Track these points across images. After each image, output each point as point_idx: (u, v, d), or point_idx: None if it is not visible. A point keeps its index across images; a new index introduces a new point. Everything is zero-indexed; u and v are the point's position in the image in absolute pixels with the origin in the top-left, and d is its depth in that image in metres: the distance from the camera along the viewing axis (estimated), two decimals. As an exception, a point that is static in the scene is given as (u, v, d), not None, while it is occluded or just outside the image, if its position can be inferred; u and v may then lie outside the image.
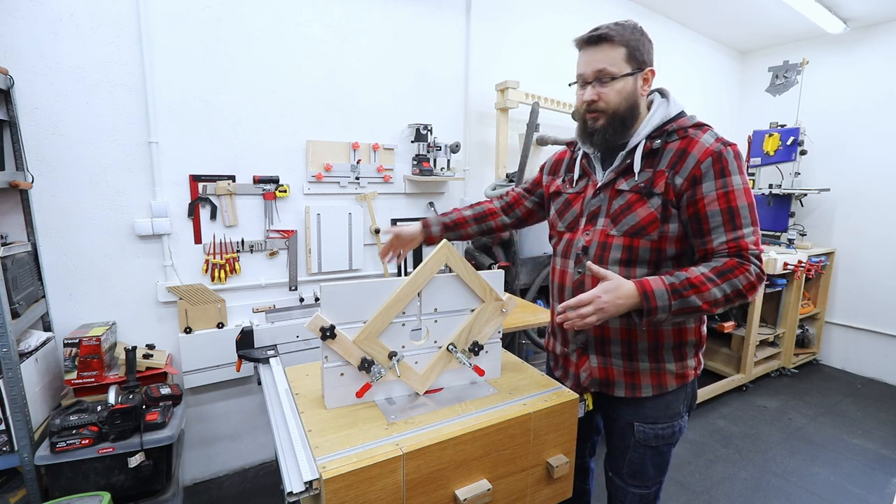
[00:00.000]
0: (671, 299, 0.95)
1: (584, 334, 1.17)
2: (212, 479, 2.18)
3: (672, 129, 1.07)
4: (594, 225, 1.13)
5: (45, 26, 1.64)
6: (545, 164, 1.40)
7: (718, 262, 0.99)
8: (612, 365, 1.15)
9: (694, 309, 0.96)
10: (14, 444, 1.44)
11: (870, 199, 3.57)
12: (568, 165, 1.29)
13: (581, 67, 1.10)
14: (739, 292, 0.97)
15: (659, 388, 1.14)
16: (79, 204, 1.76)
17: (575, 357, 1.22)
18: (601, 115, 1.08)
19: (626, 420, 1.18)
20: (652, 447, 1.18)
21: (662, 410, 1.16)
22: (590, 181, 1.18)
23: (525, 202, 1.43)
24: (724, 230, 1.00)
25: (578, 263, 1.15)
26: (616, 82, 1.06)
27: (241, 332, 1.51)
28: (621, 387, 1.15)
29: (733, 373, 3.26)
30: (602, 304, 0.95)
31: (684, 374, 1.16)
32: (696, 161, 1.01)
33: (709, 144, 1.02)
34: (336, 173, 2.26)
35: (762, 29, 3.73)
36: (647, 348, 1.12)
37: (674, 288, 0.96)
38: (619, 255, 1.09)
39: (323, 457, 0.86)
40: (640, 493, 1.23)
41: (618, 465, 1.25)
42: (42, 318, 1.71)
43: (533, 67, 2.88)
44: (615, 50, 1.05)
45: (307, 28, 2.13)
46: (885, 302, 3.53)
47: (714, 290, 0.96)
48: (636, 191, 1.07)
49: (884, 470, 2.39)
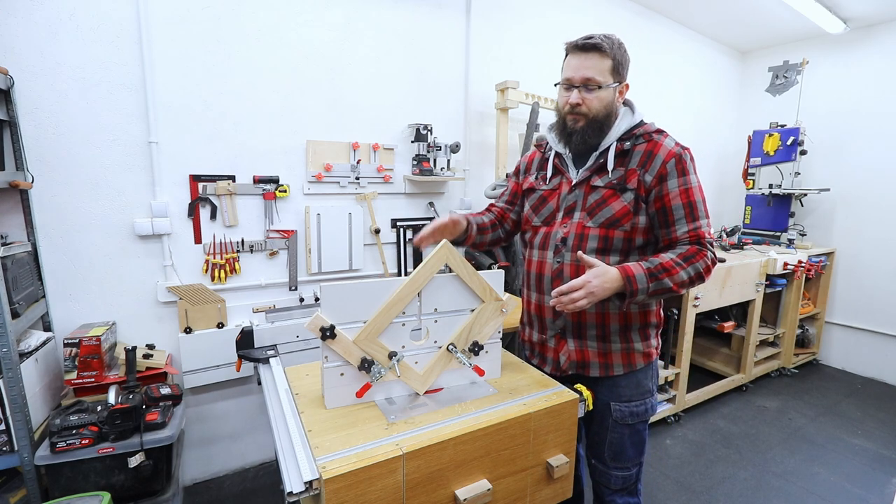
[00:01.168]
0: (649, 282, 1.10)
1: (562, 320, 1.27)
2: (212, 479, 2.18)
3: (639, 132, 1.21)
4: (571, 218, 1.25)
5: (45, 26, 1.64)
6: (517, 168, 1.49)
7: (682, 248, 1.16)
8: (587, 347, 1.26)
9: (666, 290, 1.11)
10: (14, 444, 1.44)
11: (870, 198, 3.57)
12: (539, 164, 1.39)
13: (570, 72, 1.18)
14: (700, 274, 1.14)
15: (629, 366, 1.27)
16: (79, 204, 1.76)
17: (553, 342, 1.31)
18: (582, 119, 1.19)
19: (603, 401, 1.28)
20: (629, 425, 1.29)
21: (634, 388, 1.28)
22: (564, 179, 1.29)
23: (511, 215, 1.47)
24: (686, 221, 1.16)
25: (558, 253, 1.25)
26: (601, 91, 1.17)
27: (241, 332, 1.51)
28: (596, 367, 1.27)
29: (733, 373, 3.26)
30: (592, 287, 1.06)
31: (649, 352, 1.30)
32: (662, 161, 1.16)
33: (671, 147, 1.17)
34: (336, 173, 2.26)
35: (762, 29, 3.73)
36: (619, 329, 1.25)
37: (650, 272, 1.10)
38: (596, 244, 1.20)
39: (323, 457, 0.86)
40: (622, 476, 1.33)
41: (599, 450, 1.34)
42: (42, 318, 1.71)
43: (533, 67, 2.88)
44: (603, 61, 1.16)
45: (307, 28, 2.13)
46: (885, 302, 3.53)
47: (681, 272, 1.12)
48: (610, 186, 1.20)
49: (884, 470, 2.39)
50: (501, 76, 2.71)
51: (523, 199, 1.41)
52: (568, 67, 1.19)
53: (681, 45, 3.76)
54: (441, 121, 2.57)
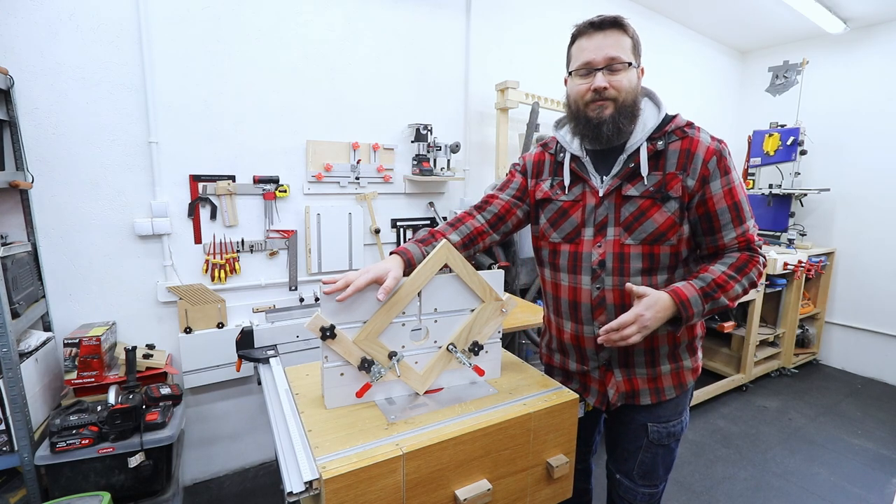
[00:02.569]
0: (704, 303, 0.99)
1: (607, 352, 1.15)
2: (212, 479, 2.18)
3: (671, 129, 1.05)
4: (604, 236, 1.08)
5: (45, 26, 1.64)
6: (522, 165, 1.27)
7: (732, 257, 1.05)
8: (636, 375, 1.15)
9: (721, 308, 1.02)
10: (14, 444, 1.44)
11: (870, 198, 3.57)
12: (551, 169, 1.19)
13: (589, 53, 1.02)
14: (753, 283, 1.05)
15: (680, 387, 1.17)
16: (79, 204, 1.76)
17: (598, 374, 1.19)
18: (610, 105, 1.02)
19: (641, 422, 1.19)
20: (663, 446, 1.20)
21: (674, 408, 1.19)
22: (587, 188, 1.11)
23: (517, 212, 1.25)
24: (733, 226, 1.04)
25: (596, 279, 1.10)
26: (627, 71, 1.01)
27: (241, 332, 1.51)
28: (647, 394, 1.16)
29: (733, 373, 3.26)
30: (645, 321, 0.96)
31: (696, 367, 1.21)
32: (703, 161, 1.02)
33: (709, 143, 1.03)
34: (336, 173, 2.26)
35: (762, 29, 3.73)
36: (668, 352, 1.15)
37: (705, 292, 1.00)
38: (641, 264, 1.06)
39: (323, 457, 0.86)
40: (649, 493, 1.24)
41: (628, 467, 1.24)
42: (42, 318, 1.71)
43: (533, 67, 2.88)
44: (624, 38, 1.02)
45: (307, 28, 2.13)
46: (885, 302, 3.53)
47: (736, 286, 1.02)
48: (648, 196, 1.04)
49: (884, 470, 2.39)
50: (501, 76, 2.71)
51: (537, 208, 1.22)
52: (583, 50, 1.03)
53: (681, 44, 3.76)
54: (441, 121, 2.57)
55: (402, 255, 1.09)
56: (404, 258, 1.08)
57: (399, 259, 1.07)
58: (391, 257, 1.09)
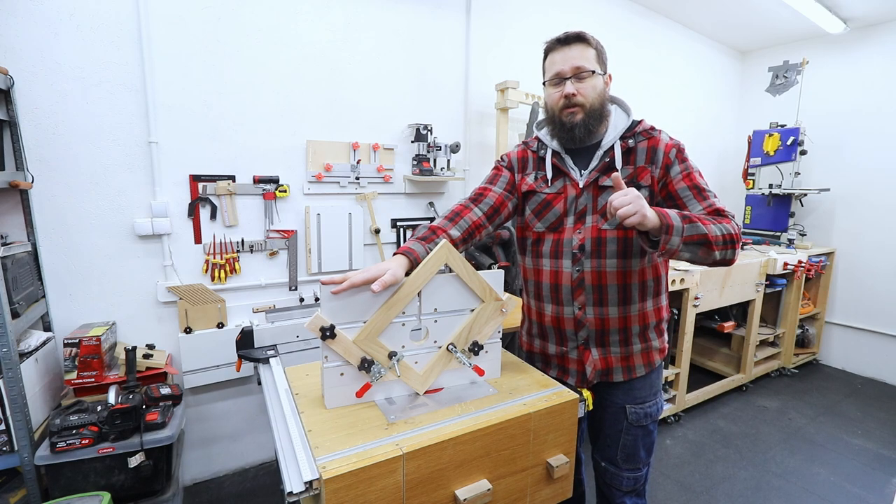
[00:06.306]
0: (683, 223, 1.03)
1: (585, 330, 1.24)
2: (212, 479, 2.18)
3: (639, 130, 1.21)
4: (584, 223, 1.21)
5: (45, 26, 1.64)
6: (507, 160, 1.36)
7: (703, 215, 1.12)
8: (610, 353, 1.25)
9: (701, 236, 1.04)
10: (14, 444, 1.44)
11: (870, 198, 3.57)
12: (535, 164, 1.31)
13: (558, 65, 1.17)
14: (732, 236, 1.08)
15: (649, 365, 1.27)
16: (79, 204, 1.76)
17: (576, 354, 1.28)
18: (579, 110, 1.16)
19: (619, 405, 1.28)
20: (642, 427, 1.29)
21: (648, 389, 1.29)
22: (567, 181, 1.23)
23: (509, 204, 1.31)
24: (697, 201, 1.15)
25: (577, 262, 1.21)
26: (592, 78, 1.15)
27: (241, 332, 1.51)
28: (619, 371, 1.26)
29: (733, 373, 3.26)
30: (640, 198, 0.98)
31: (663, 348, 1.32)
32: (664, 153, 1.18)
33: (668, 140, 1.20)
34: (336, 173, 2.26)
35: (762, 29, 3.73)
36: (639, 331, 1.25)
37: (682, 215, 1.05)
38: (616, 247, 1.18)
39: (323, 457, 0.86)
40: (633, 477, 1.32)
41: (611, 453, 1.33)
42: (42, 318, 1.71)
43: (533, 67, 2.86)
44: (588, 50, 1.16)
45: (307, 28, 2.13)
46: (885, 302, 3.53)
47: (712, 226, 1.06)
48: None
49: (884, 470, 2.39)
50: (501, 76, 2.71)
51: (523, 201, 1.31)
52: (554, 63, 1.18)
53: (681, 45, 3.76)
54: (441, 121, 2.57)
55: (407, 254, 1.10)
56: (410, 258, 1.09)
57: (404, 259, 1.08)
58: (396, 257, 1.09)
